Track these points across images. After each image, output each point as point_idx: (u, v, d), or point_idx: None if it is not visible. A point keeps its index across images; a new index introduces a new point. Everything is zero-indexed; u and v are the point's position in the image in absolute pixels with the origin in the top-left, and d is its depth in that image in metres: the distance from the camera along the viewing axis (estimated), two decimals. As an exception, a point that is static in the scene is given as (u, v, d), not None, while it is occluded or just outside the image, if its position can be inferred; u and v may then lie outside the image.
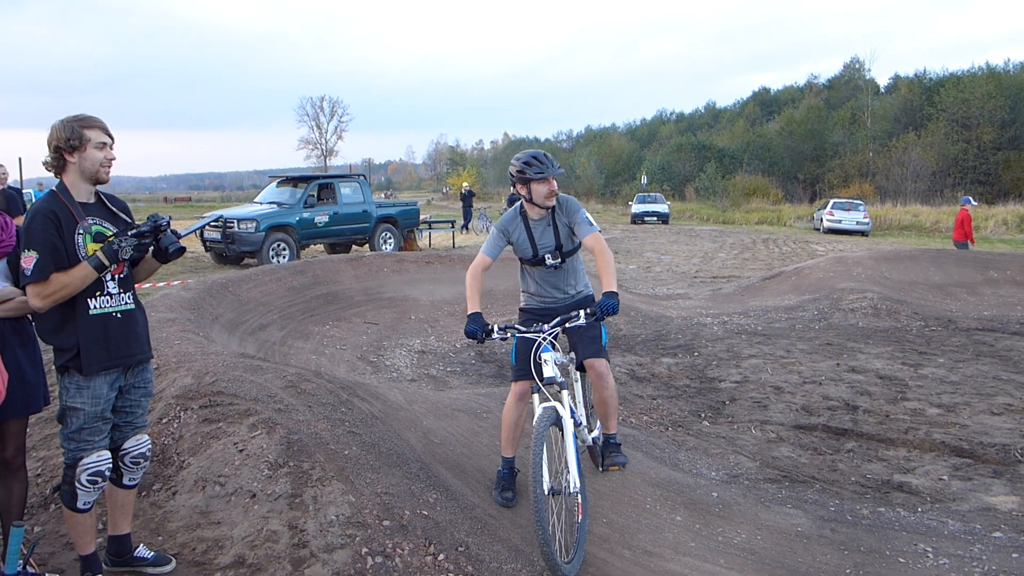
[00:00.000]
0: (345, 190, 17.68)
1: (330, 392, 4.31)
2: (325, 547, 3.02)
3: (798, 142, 52.04)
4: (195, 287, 7.89)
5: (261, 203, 17.33)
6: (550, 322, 3.64)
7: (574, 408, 3.70)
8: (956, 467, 4.87)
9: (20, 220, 3.31)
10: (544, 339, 3.52)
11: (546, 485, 3.15)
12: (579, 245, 3.91)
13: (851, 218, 29.11)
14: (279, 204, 16.76)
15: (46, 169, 2.85)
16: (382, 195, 47.35)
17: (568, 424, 3.40)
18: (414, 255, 12.20)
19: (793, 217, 37.08)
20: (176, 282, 11.13)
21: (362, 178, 18.91)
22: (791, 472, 4.81)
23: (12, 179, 8.50)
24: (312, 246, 17.73)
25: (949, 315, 9.98)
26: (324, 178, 18.15)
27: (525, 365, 3.58)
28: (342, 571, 2.92)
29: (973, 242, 14.61)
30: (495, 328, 3.54)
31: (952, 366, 7.36)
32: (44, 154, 2.83)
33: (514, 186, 3.83)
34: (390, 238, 18.41)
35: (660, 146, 64.47)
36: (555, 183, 3.78)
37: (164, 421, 3.95)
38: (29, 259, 2.69)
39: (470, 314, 3.59)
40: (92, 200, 2.90)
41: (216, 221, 15.72)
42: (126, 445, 2.99)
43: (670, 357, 7.85)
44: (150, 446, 3.10)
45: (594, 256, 3.74)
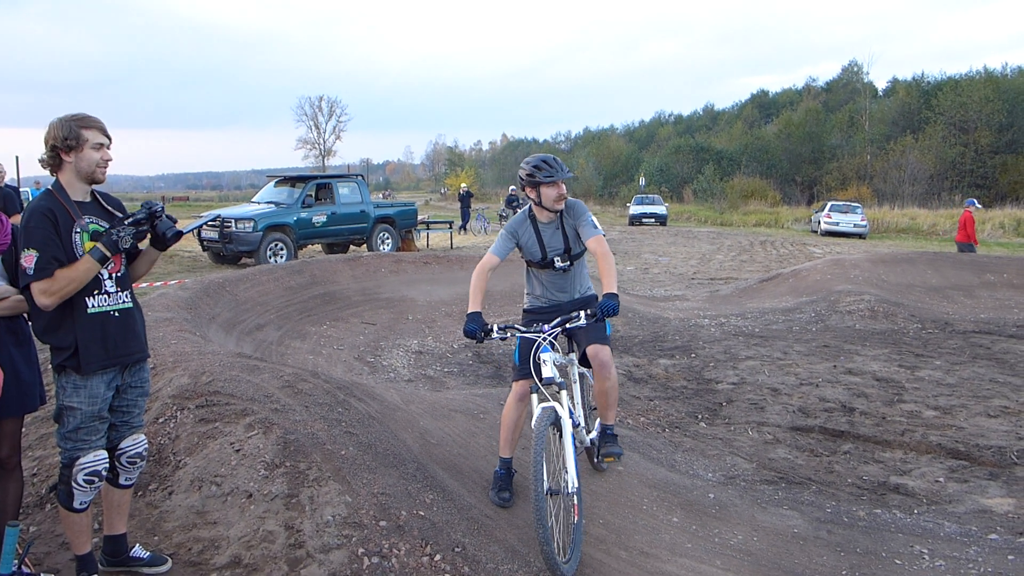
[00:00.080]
0: (343, 190, 17.67)
1: (327, 392, 4.30)
2: (321, 547, 3.02)
3: (796, 145, 52.12)
4: (192, 287, 7.88)
5: (259, 203, 17.31)
6: (551, 323, 3.65)
7: (572, 409, 3.70)
8: (952, 469, 4.88)
9: (17, 219, 3.31)
10: (544, 339, 3.53)
11: (545, 485, 3.16)
12: (586, 248, 3.94)
13: (848, 221, 29.17)
14: (277, 204, 16.75)
15: (42, 167, 2.84)
16: (380, 195, 47.29)
17: (567, 425, 3.40)
18: (412, 256, 12.20)
19: (791, 219, 37.11)
20: (173, 281, 11.12)
21: (360, 178, 18.90)
22: (788, 474, 4.82)
23: (9, 177, 8.49)
24: (310, 246, 17.72)
25: (946, 318, 10.00)
26: (322, 178, 18.14)
27: (527, 365, 3.59)
28: (338, 571, 2.92)
29: (976, 243, 14.54)
30: (495, 328, 3.54)
31: (949, 368, 7.38)
32: (41, 152, 2.82)
33: (523, 189, 3.86)
34: (388, 238, 18.40)
35: (658, 148, 64.50)
36: (564, 187, 3.82)
37: (160, 421, 3.94)
38: (30, 258, 2.68)
39: (470, 313, 3.59)
40: (88, 199, 2.90)
41: (213, 220, 15.65)
42: (122, 445, 2.99)
43: (667, 358, 7.85)
44: (146, 446, 3.09)
45: (595, 259, 3.77)
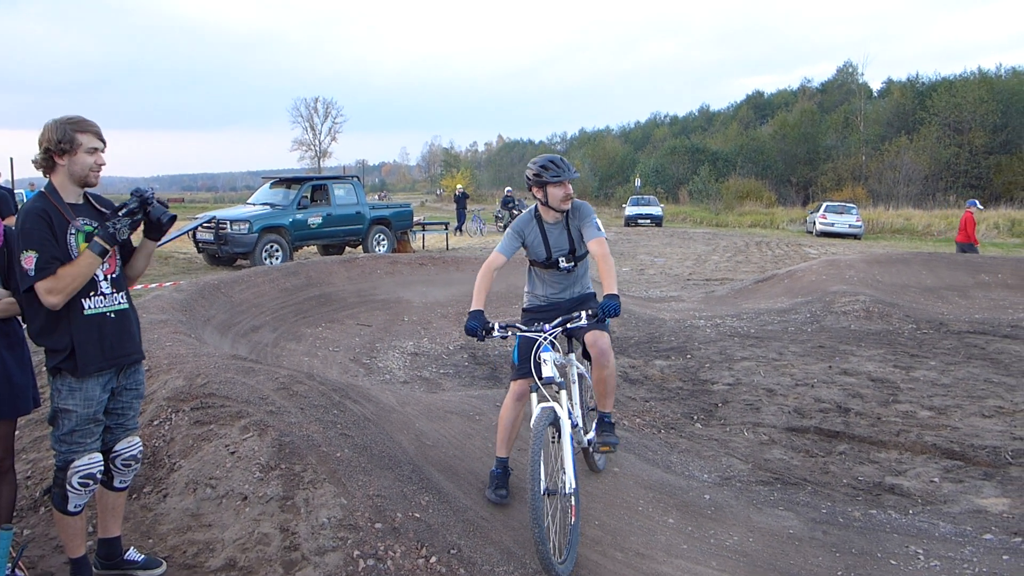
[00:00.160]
0: (339, 191, 17.67)
1: (322, 394, 4.29)
2: (317, 550, 3.01)
3: (791, 145, 52.20)
4: (187, 288, 7.86)
5: (254, 204, 17.28)
6: (551, 322, 3.65)
7: (571, 409, 3.70)
8: (947, 469, 4.89)
9: (11, 221, 3.29)
10: (545, 339, 3.53)
11: (542, 485, 3.15)
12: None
13: (844, 221, 29.26)
14: (272, 205, 16.73)
15: (35, 168, 2.83)
16: (376, 197, 47.27)
17: (566, 425, 3.40)
18: (407, 257, 12.19)
19: (786, 220, 37.19)
20: (168, 283, 11.09)
21: (356, 179, 18.90)
22: (783, 474, 4.82)
23: (3, 179, 8.45)
24: (305, 247, 17.70)
25: (941, 318, 10.03)
26: (318, 179, 18.14)
27: (526, 365, 3.59)
28: (334, 574, 2.91)
29: (977, 243, 14.52)
30: (496, 326, 3.54)
31: (943, 369, 7.40)
32: (35, 153, 2.81)
33: (530, 189, 3.87)
34: (384, 240, 18.40)
35: (654, 149, 64.49)
36: (571, 187, 3.84)
37: (155, 423, 3.93)
38: (30, 259, 2.66)
39: (472, 311, 3.60)
40: (80, 201, 2.89)
41: (209, 222, 15.64)
42: (117, 447, 2.98)
43: (663, 359, 7.86)
44: (141, 448, 3.08)
45: (596, 260, 3.78)
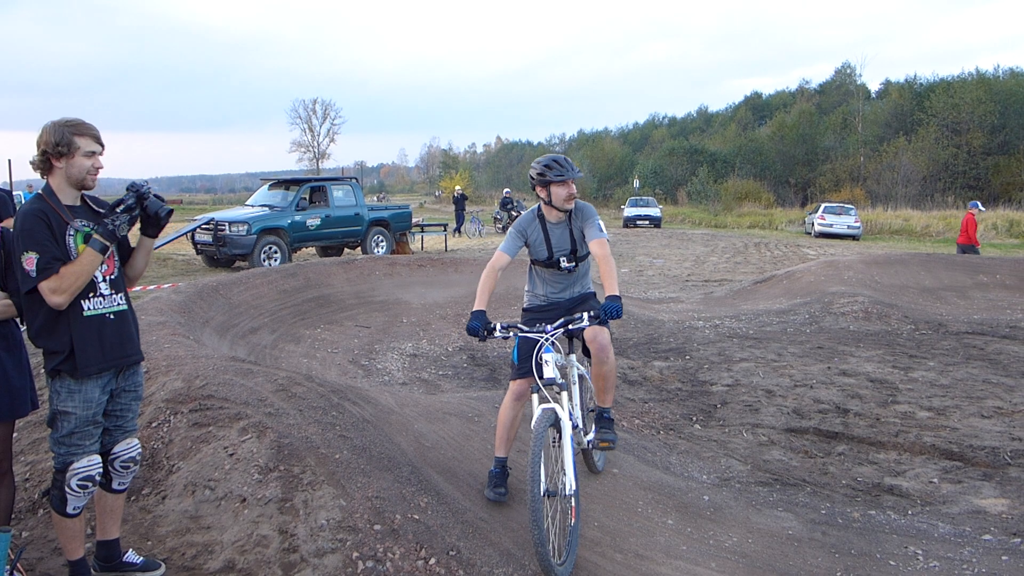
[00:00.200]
0: (337, 193, 17.67)
1: (321, 396, 4.29)
2: (315, 551, 3.01)
3: (790, 147, 52.24)
4: (185, 290, 7.86)
5: (253, 206, 17.30)
6: (552, 321, 3.65)
7: (571, 410, 3.70)
8: (946, 470, 4.89)
9: (9, 223, 3.29)
10: (547, 340, 3.52)
11: (542, 486, 3.15)
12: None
13: (842, 222, 29.29)
14: (271, 207, 16.74)
15: (32, 169, 2.83)
16: (374, 198, 47.26)
17: (567, 426, 3.40)
18: (406, 258, 12.19)
19: (784, 221, 37.21)
20: (167, 285, 11.08)
21: (354, 181, 18.91)
22: (782, 475, 4.82)
23: (1, 181, 8.44)
24: (304, 249, 17.70)
25: (939, 319, 10.03)
26: (316, 181, 18.14)
27: (525, 365, 3.58)
28: (332, 575, 2.91)
29: (978, 244, 14.47)
30: (497, 327, 3.53)
31: (942, 369, 7.40)
32: (33, 155, 2.81)
33: (534, 188, 3.88)
34: (382, 241, 18.40)
35: (652, 150, 64.56)
36: (574, 187, 3.84)
37: (154, 425, 3.92)
38: (31, 260, 2.66)
39: (474, 311, 3.59)
40: (78, 203, 2.89)
41: (207, 224, 15.65)
42: (116, 449, 2.97)
43: (662, 360, 7.86)
44: (140, 450, 3.08)
45: (597, 261, 3.78)
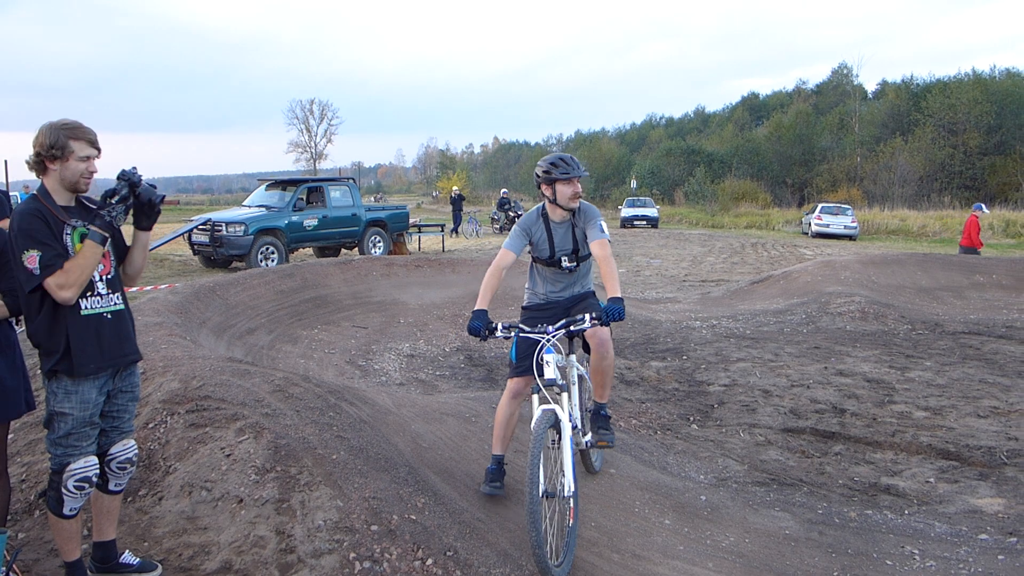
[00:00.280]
0: (334, 193, 17.66)
1: (318, 396, 4.29)
2: (312, 552, 3.01)
3: (787, 147, 52.34)
4: (182, 291, 7.85)
5: (250, 206, 17.28)
6: (551, 320, 3.64)
7: (571, 411, 3.70)
8: (942, 470, 4.90)
9: (5, 224, 3.28)
10: (548, 340, 3.52)
11: (541, 487, 3.15)
12: None
13: (839, 222, 29.33)
14: (268, 207, 16.72)
15: (28, 169, 2.83)
16: (372, 199, 47.23)
17: (567, 427, 3.40)
18: (403, 259, 12.18)
19: (782, 221, 37.26)
20: (163, 285, 11.06)
21: (351, 181, 18.90)
22: (779, 475, 4.83)
23: (-3, 182, 8.43)
24: (301, 250, 17.68)
25: (936, 319, 10.05)
26: (313, 181, 18.12)
27: (523, 363, 3.58)
28: (330, 576, 2.90)
29: (980, 247, 14.43)
30: (499, 327, 3.52)
31: (939, 369, 7.41)
32: (29, 154, 2.81)
33: (539, 187, 3.88)
34: (379, 242, 18.40)
35: (650, 150, 64.60)
36: (579, 185, 3.84)
37: (151, 426, 3.92)
38: (32, 258, 2.65)
39: (476, 311, 3.58)
40: (72, 203, 2.89)
41: (204, 224, 15.63)
42: (112, 450, 2.97)
43: (659, 360, 7.86)
44: (136, 451, 3.08)
45: (598, 262, 3.78)
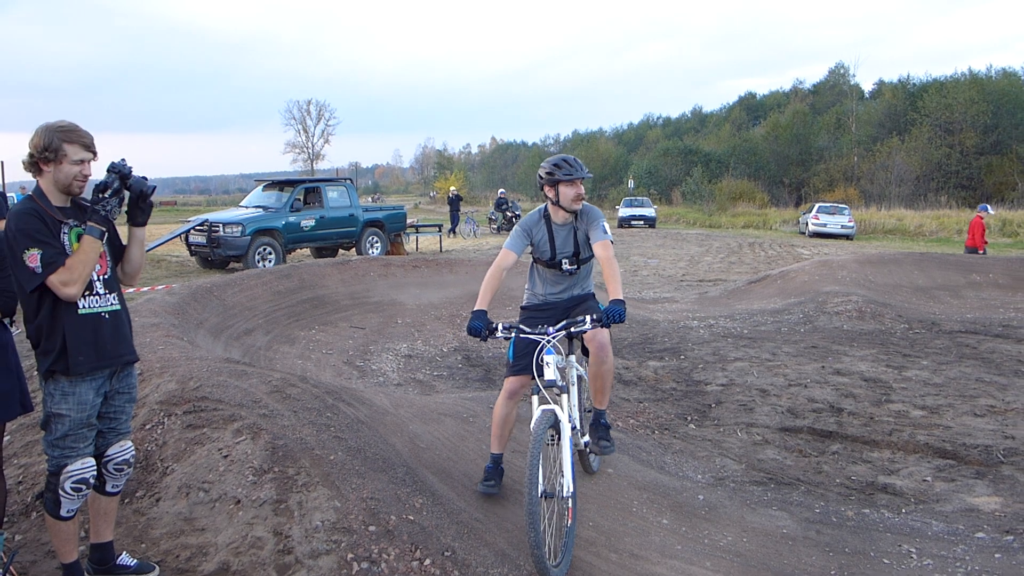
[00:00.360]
0: (332, 194, 17.65)
1: (315, 397, 4.29)
2: (310, 553, 3.01)
3: (784, 147, 52.42)
4: (180, 291, 7.84)
5: (247, 207, 17.26)
6: (550, 320, 3.64)
7: (570, 412, 3.70)
8: (939, 468, 4.91)
9: (2, 224, 3.28)
10: (549, 341, 3.52)
11: (540, 488, 3.15)
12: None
13: (836, 222, 29.38)
14: (265, 208, 16.70)
15: (24, 169, 2.83)
16: (369, 199, 47.20)
17: (566, 428, 3.40)
18: (401, 259, 12.18)
19: (779, 221, 37.29)
20: (160, 286, 11.05)
21: (349, 182, 18.89)
22: (777, 474, 4.84)
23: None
24: (298, 250, 17.67)
25: (933, 318, 10.07)
26: (310, 182, 18.11)
27: (520, 362, 3.57)
28: (327, 577, 2.90)
29: (981, 249, 14.38)
30: (499, 327, 3.51)
31: (936, 368, 7.43)
32: (24, 154, 2.81)
33: (542, 188, 3.87)
34: (377, 242, 18.39)
35: (647, 150, 64.66)
36: (582, 187, 3.82)
37: (148, 427, 3.91)
38: (33, 257, 2.65)
39: (476, 311, 3.56)
40: (67, 204, 2.89)
41: (201, 225, 15.62)
42: (110, 451, 2.97)
43: (656, 360, 7.87)
44: (134, 452, 3.07)
45: (600, 263, 3.76)
